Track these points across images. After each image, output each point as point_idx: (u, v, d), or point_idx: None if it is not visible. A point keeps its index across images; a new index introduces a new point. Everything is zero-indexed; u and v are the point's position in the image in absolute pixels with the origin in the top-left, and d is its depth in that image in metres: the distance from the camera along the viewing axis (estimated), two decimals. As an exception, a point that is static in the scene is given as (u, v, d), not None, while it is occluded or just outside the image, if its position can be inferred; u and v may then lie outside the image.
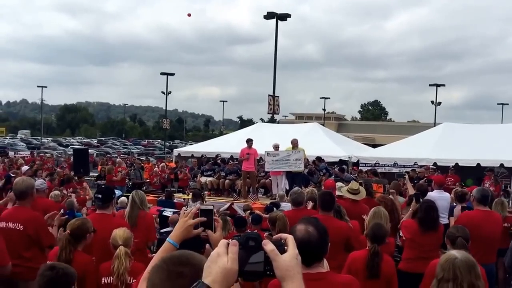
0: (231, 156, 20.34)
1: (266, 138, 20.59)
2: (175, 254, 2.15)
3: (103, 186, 9.58)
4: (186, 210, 3.22)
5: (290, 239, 2.00)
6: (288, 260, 1.90)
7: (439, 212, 8.66)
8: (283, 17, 39.01)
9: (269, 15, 38.64)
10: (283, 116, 77.38)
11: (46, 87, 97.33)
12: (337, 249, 6.17)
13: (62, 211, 8.25)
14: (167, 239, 3.05)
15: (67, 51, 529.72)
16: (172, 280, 2.02)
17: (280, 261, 1.89)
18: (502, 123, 41.27)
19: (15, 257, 5.84)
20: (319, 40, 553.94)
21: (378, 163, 23.69)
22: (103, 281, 4.69)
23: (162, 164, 27.70)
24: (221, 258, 1.87)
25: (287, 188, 16.89)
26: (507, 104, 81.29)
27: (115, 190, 7.69)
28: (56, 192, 11.12)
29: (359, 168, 22.46)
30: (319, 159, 20.61)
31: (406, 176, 12.92)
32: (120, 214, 7.65)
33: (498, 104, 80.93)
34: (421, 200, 8.61)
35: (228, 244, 1.91)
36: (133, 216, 7.52)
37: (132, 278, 5.03)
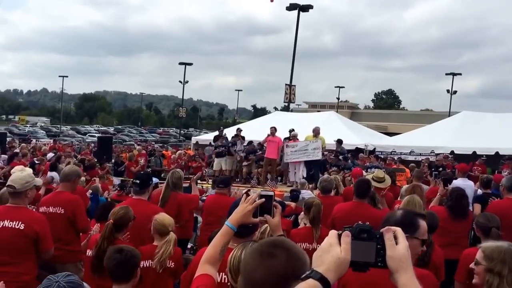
0: (251, 141, 20.34)
1: (283, 126, 20.61)
2: (272, 238, 2.28)
3: (142, 172, 9.69)
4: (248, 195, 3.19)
5: (399, 231, 2.00)
6: (402, 251, 1.92)
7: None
8: (305, 8, 39.10)
9: (292, 7, 38.85)
10: (296, 104, 77.16)
11: (67, 76, 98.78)
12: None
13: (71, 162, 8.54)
14: (226, 222, 3.08)
15: (89, 42, 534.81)
16: (264, 259, 2.06)
17: (395, 252, 1.91)
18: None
19: (55, 241, 5.88)
20: (337, 30, 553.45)
21: (395, 151, 23.74)
22: (141, 265, 4.78)
23: (180, 151, 27.86)
24: (334, 248, 1.94)
25: (304, 175, 17.09)
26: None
27: (153, 177, 7.79)
28: (82, 178, 11.30)
29: (383, 156, 22.42)
30: (340, 141, 20.74)
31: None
32: (155, 194, 7.75)
33: None
34: (449, 185, 8.64)
35: (339, 234, 1.97)
36: (164, 197, 7.67)
37: (171, 261, 5.12)
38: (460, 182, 10.62)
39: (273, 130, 18.61)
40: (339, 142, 20.74)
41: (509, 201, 7.82)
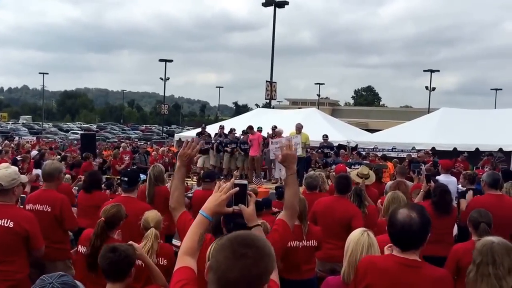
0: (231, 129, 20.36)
1: (265, 123, 20.73)
2: (241, 235, 2.23)
3: (129, 169, 9.73)
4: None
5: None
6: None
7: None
8: (281, 4, 39.12)
9: (268, 3, 38.83)
10: (277, 101, 77.24)
11: (47, 73, 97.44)
12: (343, 229, 6.41)
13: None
14: (200, 211, 3.08)
15: (68, 39, 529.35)
16: (237, 259, 2.10)
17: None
18: (495, 108, 41.32)
19: (43, 238, 5.85)
20: (314, 27, 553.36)
21: (377, 148, 23.86)
22: (137, 263, 4.78)
23: (163, 148, 27.81)
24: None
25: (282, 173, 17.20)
26: (501, 89, 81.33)
27: (140, 174, 7.81)
28: (67, 175, 11.28)
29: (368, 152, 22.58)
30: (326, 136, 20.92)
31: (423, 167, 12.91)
32: (141, 190, 7.73)
33: (491, 89, 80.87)
34: (431, 181, 8.75)
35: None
36: (150, 193, 7.65)
37: (163, 258, 5.12)
38: (443, 178, 10.71)
39: (249, 129, 18.99)
40: (326, 137, 20.92)
41: (490, 197, 7.86)
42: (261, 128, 20.04)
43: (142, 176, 7.77)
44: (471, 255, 3.90)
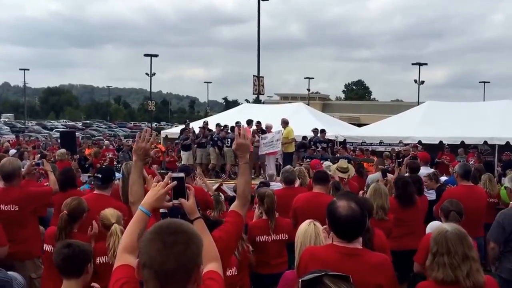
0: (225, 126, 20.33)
1: (253, 118, 20.67)
2: (164, 224, 2.21)
3: (103, 166, 9.62)
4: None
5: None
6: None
7: (423, 186, 8.85)
8: (266, -4, 38.99)
9: (254, -5, 38.60)
10: (268, 96, 77.36)
11: (28, 69, 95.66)
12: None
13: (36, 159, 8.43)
14: (139, 207, 3.05)
15: (50, 33, 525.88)
16: (169, 248, 2.09)
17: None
18: (484, 101, 41.37)
19: (10, 239, 5.86)
20: (302, 20, 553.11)
21: (365, 142, 23.90)
22: (97, 261, 4.72)
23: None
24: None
25: (272, 168, 17.35)
26: (489, 82, 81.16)
27: (116, 173, 7.69)
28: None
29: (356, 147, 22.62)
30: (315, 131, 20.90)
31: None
32: (116, 188, 7.67)
33: (480, 82, 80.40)
34: (387, 175, 8.85)
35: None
36: (124, 191, 7.53)
37: None
38: (422, 171, 10.73)
39: (250, 124, 19.23)
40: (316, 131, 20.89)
41: (463, 188, 7.98)
42: (252, 120, 19.91)
43: (118, 175, 7.63)
44: None
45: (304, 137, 20.96)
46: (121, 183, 7.58)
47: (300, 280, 2.18)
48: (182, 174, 3.28)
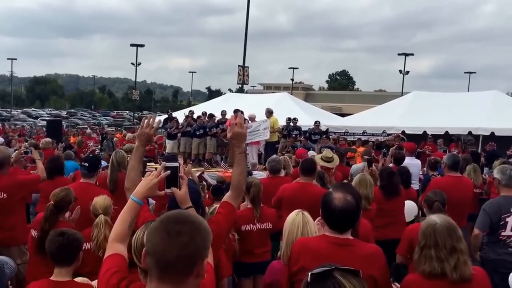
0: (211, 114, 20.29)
1: (237, 108, 20.59)
2: (172, 214, 2.19)
3: (90, 155, 9.70)
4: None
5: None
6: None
7: (411, 178, 8.86)
8: (255, -14, 38.94)
9: (243, -15, 38.56)
10: (251, 86, 77.15)
11: (16, 59, 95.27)
12: (312, 214, 6.32)
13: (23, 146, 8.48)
14: (131, 196, 3.04)
15: (38, 23, 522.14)
16: (173, 238, 2.06)
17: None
18: (468, 91, 41.55)
19: None
20: (291, 10, 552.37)
21: (347, 132, 23.93)
22: (83, 247, 4.72)
23: (129, 134, 27.57)
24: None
25: (254, 157, 17.35)
26: (474, 72, 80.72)
27: (102, 161, 7.69)
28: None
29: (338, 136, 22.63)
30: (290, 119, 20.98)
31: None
32: (103, 176, 7.62)
33: (465, 72, 79.69)
34: (372, 165, 8.88)
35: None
36: (112, 180, 7.49)
37: None
38: (407, 161, 10.75)
39: (224, 113, 19.22)
40: (290, 120, 20.93)
41: (450, 179, 7.97)
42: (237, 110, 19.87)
43: (104, 163, 7.63)
44: None
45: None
46: (109, 171, 7.59)
47: (309, 273, 2.14)
48: (176, 164, 3.27)
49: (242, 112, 18.66)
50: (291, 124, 20.52)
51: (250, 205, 6.54)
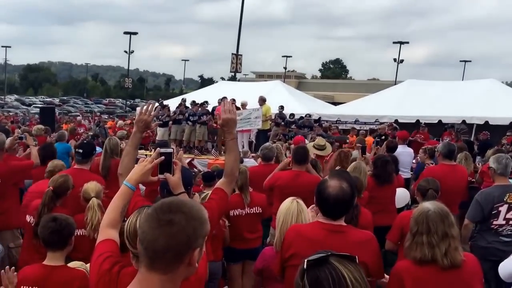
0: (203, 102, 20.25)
1: (228, 96, 20.56)
2: (166, 202, 2.13)
3: (85, 141, 9.74)
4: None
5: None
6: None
7: (402, 166, 8.88)
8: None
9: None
10: (243, 74, 77.01)
11: (10, 47, 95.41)
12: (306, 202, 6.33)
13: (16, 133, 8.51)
14: (124, 182, 3.05)
15: (33, 11, 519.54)
16: (162, 227, 2.02)
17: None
18: (463, 80, 41.54)
19: None
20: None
21: (340, 120, 23.93)
22: (76, 233, 4.73)
23: (120, 121, 27.55)
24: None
25: (245, 146, 17.41)
26: (470, 61, 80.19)
27: (96, 147, 7.71)
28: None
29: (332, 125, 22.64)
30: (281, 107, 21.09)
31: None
32: (96, 163, 7.62)
33: (460, 61, 78.90)
34: (366, 153, 8.90)
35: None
36: (105, 166, 7.51)
37: None
38: (400, 149, 10.77)
39: (232, 100, 18.75)
40: (282, 108, 21.03)
41: (444, 167, 7.99)
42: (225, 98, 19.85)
43: (98, 149, 7.66)
44: None
45: (292, 115, 21.18)
46: (102, 157, 7.61)
47: (305, 260, 2.11)
48: (170, 150, 3.29)
49: (233, 100, 18.77)
50: (277, 111, 20.65)
51: (238, 191, 6.55)
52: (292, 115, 21.08)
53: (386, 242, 5.75)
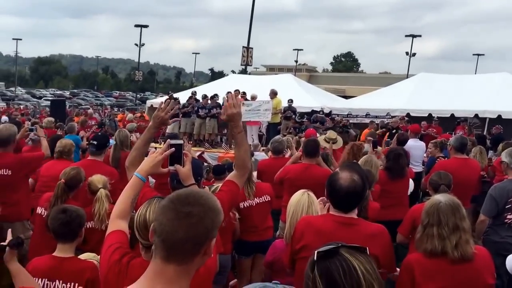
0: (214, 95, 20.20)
1: (239, 89, 20.52)
2: (182, 194, 2.14)
3: (99, 133, 9.79)
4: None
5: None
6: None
7: (413, 160, 8.81)
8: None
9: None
10: (254, 68, 76.85)
11: (21, 39, 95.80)
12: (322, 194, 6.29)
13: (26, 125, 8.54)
14: (135, 173, 3.05)
15: (44, 4, 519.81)
16: (181, 219, 2.03)
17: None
18: (475, 74, 41.24)
19: (1, 201, 6.03)
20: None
21: (351, 114, 23.82)
22: (86, 226, 4.73)
23: (129, 114, 27.61)
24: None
25: (255, 139, 17.35)
26: (483, 54, 79.52)
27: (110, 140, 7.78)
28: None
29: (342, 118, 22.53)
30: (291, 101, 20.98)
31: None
32: (107, 155, 7.65)
33: (473, 54, 78.57)
34: (377, 146, 8.84)
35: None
36: (115, 158, 7.55)
37: None
38: (411, 143, 10.71)
39: (237, 92, 18.63)
40: (291, 102, 20.93)
41: (456, 161, 7.95)
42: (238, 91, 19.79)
43: (111, 141, 7.72)
44: None
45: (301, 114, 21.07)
46: (112, 150, 7.64)
47: (316, 251, 2.09)
48: (180, 141, 3.28)
49: (238, 92, 18.69)
50: (287, 105, 20.54)
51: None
52: (301, 114, 20.93)
53: (397, 235, 5.71)
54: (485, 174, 9.52)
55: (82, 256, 4.25)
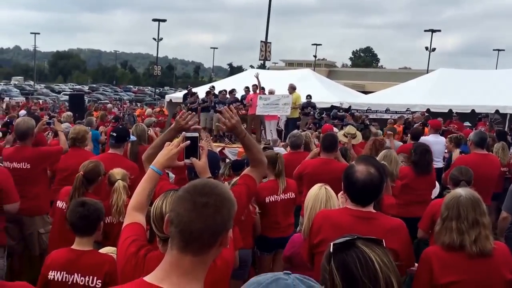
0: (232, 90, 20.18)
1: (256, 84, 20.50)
2: (198, 185, 2.15)
3: (120, 126, 9.80)
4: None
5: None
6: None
7: (434, 156, 8.70)
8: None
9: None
10: (273, 63, 76.64)
11: (39, 33, 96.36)
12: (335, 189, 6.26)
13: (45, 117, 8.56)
14: (151, 166, 3.06)
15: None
16: (198, 210, 2.04)
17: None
18: (496, 69, 40.77)
19: (21, 195, 5.96)
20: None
21: (370, 109, 23.70)
22: (106, 220, 4.73)
23: (148, 109, 27.72)
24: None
25: (274, 134, 17.22)
26: (503, 50, 78.93)
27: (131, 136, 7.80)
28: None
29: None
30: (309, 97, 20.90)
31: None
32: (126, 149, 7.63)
33: (494, 50, 78.38)
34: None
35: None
36: (133, 152, 7.58)
37: None
38: (432, 139, 10.61)
39: (255, 87, 18.81)
40: (310, 97, 20.86)
41: (476, 156, 7.86)
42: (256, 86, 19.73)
43: (132, 137, 7.75)
44: None
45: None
46: (130, 144, 7.64)
47: (332, 243, 2.08)
48: (196, 134, 3.27)
49: (256, 86, 18.62)
50: (305, 100, 20.42)
51: (273, 177, 6.49)
52: (320, 111, 20.81)
53: (418, 230, 5.66)
54: (507, 170, 9.42)
55: (102, 250, 4.25)
